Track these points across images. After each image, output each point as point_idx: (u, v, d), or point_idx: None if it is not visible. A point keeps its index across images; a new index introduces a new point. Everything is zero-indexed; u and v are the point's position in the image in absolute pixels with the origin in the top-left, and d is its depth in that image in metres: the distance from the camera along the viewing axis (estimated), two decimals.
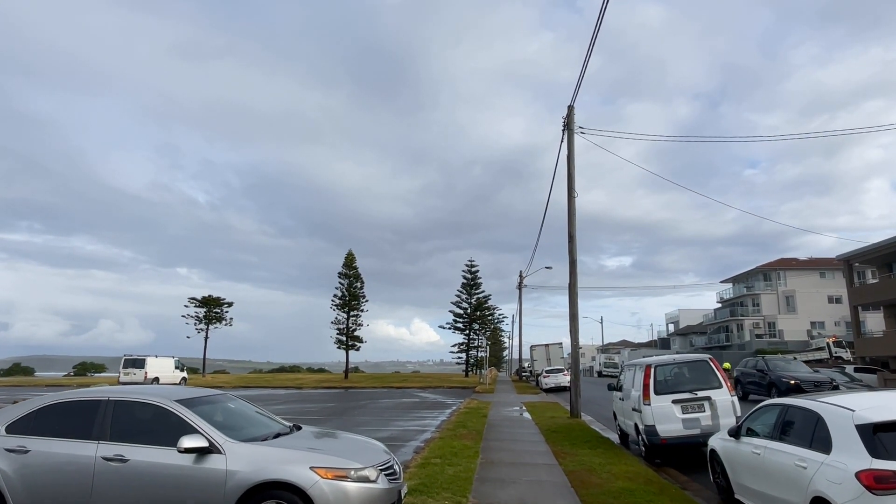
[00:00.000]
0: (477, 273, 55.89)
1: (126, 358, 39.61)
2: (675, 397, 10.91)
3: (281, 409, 23.15)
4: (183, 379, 43.07)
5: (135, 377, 39.06)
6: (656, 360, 11.61)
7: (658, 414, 10.84)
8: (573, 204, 18.39)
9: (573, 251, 18.18)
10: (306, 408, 23.65)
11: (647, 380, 11.22)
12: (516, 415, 19.72)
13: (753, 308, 68.69)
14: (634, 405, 11.65)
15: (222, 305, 52.27)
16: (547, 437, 13.38)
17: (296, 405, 25.17)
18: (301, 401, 28.37)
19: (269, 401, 28.42)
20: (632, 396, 12.06)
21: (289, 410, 22.33)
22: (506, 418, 18.24)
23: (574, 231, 18.31)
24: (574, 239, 18.28)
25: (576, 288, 18.02)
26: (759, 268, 70.18)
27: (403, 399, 29.65)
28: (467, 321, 54.93)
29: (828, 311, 66.24)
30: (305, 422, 16.09)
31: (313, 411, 21.86)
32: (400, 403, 26.39)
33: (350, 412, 21.48)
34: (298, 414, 20.67)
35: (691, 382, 11.20)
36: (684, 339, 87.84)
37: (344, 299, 49.98)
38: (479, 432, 14.00)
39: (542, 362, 46.45)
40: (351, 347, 49.95)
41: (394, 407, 24.27)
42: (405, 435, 14.55)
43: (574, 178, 18.51)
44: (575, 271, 18.08)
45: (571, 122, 18.70)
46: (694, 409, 10.86)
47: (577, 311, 17.95)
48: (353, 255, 51.19)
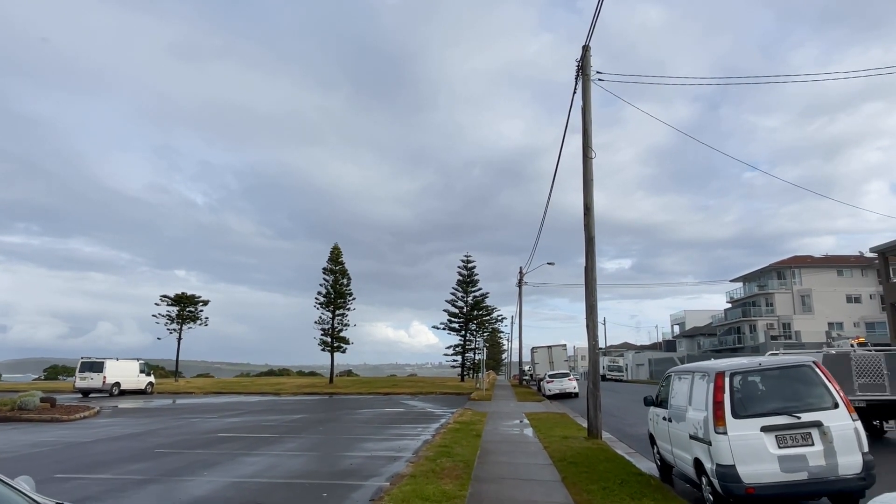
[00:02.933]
0: (474, 269, 51.97)
1: (83, 361, 35.63)
2: (767, 422, 7.09)
3: (235, 421, 19.28)
4: (149, 384, 39.11)
5: (92, 382, 35.11)
6: (732, 366, 7.75)
7: (740, 448, 7.01)
8: (590, 167, 14.56)
9: (590, 226, 14.36)
10: (267, 421, 19.78)
11: (721, 395, 7.38)
12: (518, 432, 15.86)
13: (767, 308, 64.86)
14: (696, 432, 7.83)
15: (197, 304, 48.16)
16: (563, 472, 9.52)
17: (256, 417, 21.30)
18: (267, 411, 24.49)
19: (231, 410, 24.54)
20: (688, 418, 8.24)
21: (243, 425, 18.46)
22: (505, 438, 14.38)
23: (591, 201, 14.49)
24: (591, 211, 14.45)
25: (593, 272, 14.19)
26: (772, 265, 66.41)
27: (387, 409, 25.76)
28: (463, 321, 50.94)
29: (847, 312, 62.44)
30: (253, 442, 12.06)
31: (272, 426, 17.98)
32: (381, 415, 22.51)
33: (315, 427, 17.61)
34: (251, 430, 16.81)
35: (789, 399, 7.36)
36: (691, 341, 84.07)
37: (329, 297, 45.99)
38: (469, 464, 10.14)
39: (545, 365, 42.58)
40: (336, 349, 45.97)
41: (371, 420, 20.40)
42: (367, 467, 10.69)
43: (591, 134, 14.70)
44: (593, 251, 14.25)
45: (587, 65, 14.90)
46: (796, 442, 7.02)
47: (595, 300, 14.11)
48: (338, 249, 47.24)
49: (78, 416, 20.35)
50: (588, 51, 14.92)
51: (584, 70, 14.91)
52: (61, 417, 19.61)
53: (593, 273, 14.14)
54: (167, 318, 47.11)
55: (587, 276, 14.20)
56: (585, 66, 14.90)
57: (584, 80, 14.83)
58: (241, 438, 14.88)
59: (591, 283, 14.13)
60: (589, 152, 14.49)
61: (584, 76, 14.86)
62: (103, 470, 10.51)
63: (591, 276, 14.14)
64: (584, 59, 14.90)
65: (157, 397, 36.29)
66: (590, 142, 14.58)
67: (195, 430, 16.73)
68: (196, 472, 10.16)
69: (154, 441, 14.40)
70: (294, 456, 12.09)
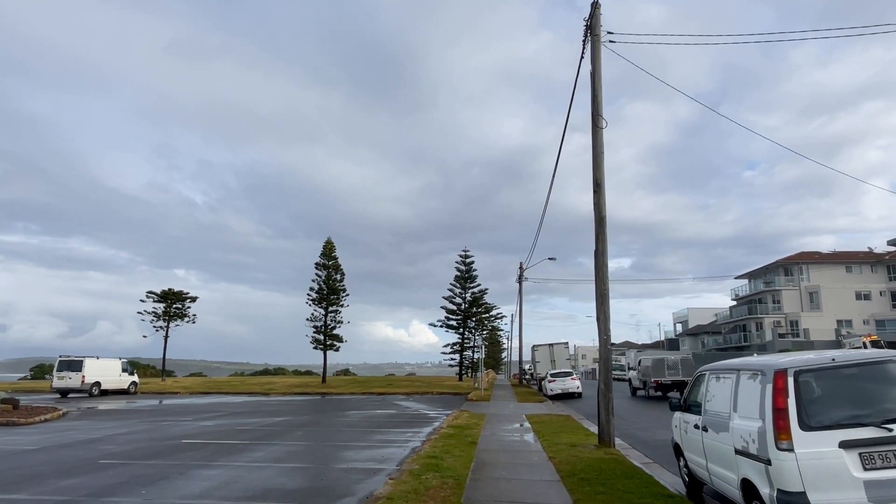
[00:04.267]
0: (472, 265, 50.15)
1: (60, 359, 33.88)
2: (847, 436, 5.39)
3: (208, 425, 17.56)
4: (133, 384, 37.39)
5: (70, 381, 33.38)
6: (796, 362, 6.01)
7: (812, 470, 5.32)
8: (599, 137, 12.85)
9: (600, 204, 12.65)
10: (243, 424, 18.09)
11: (783, 399, 5.66)
12: (519, 438, 14.16)
13: (774, 305, 63.17)
14: (746, 446, 6.14)
15: (184, 300, 46.36)
16: (575, 493, 7.82)
17: (234, 419, 19.59)
18: (249, 413, 22.78)
19: (211, 412, 22.84)
20: (733, 428, 6.54)
21: (216, 429, 16.74)
22: (504, 446, 12.68)
23: (601, 176, 12.78)
24: (601, 187, 12.74)
25: (604, 257, 12.48)
26: (779, 262, 64.73)
27: (378, 410, 24.06)
28: (461, 318, 49.14)
29: (856, 309, 60.78)
30: (218, 450, 10.21)
31: (247, 431, 16.28)
32: (370, 417, 20.81)
33: (293, 432, 15.90)
34: (222, 435, 15.13)
35: (875, 406, 5.67)
36: (695, 340, 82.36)
37: (322, 293, 44.19)
38: (460, 481, 8.44)
39: (546, 364, 40.86)
40: (330, 347, 44.21)
41: (359, 423, 18.70)
42: (340, 484, 8.99)
43: (600, 102, 12.99)
44: (604, 232, 12.53)
45: (596, 24, 13.18)
46: (888, 462, 5.34)
47: (607, 289, 12.39)
48: (331, 243, 45.42)
49: (38, 419, 18.65)
50: (597, 8, 13.18)
51: (592, 30, 13.19)
52: (18, 421, 17.90)
53: (604, 258, 12.43)
54: (153, 315, 45.34)
55: (597, 261, 12.49)
56: (594, 25, 13.18)
57: (594, 41, 13.11)
58: (207, 446, 13.18)
59: (602, 270, 12.41)
60: (599, 121, 12.78)
61: (593, 36, 13.14)
62: (24, 488, 8.80)
63: (602, 262, 12.43)
64: (594, 18, 13.18)
65: (140, 398, 34.58)
66: (599, 109, 12.87)
67: (159, 436, 15.03)
68: (131, 491, 8.45)
69: (105, 449, 12.70)
70: (258, 468, 10.39)
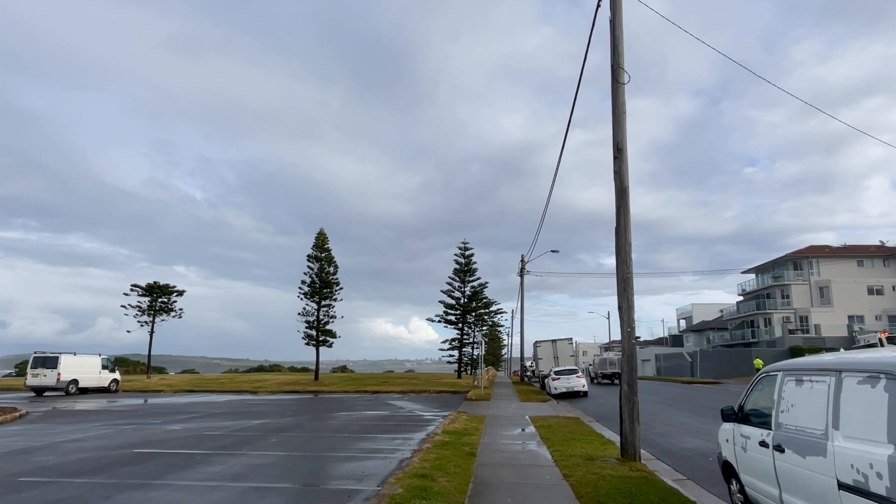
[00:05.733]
0: (472, 257, 48.12)
1: (35, 356, 31.97)
2: None
3: (175, 429, 15.61)
4: (114, 381, 35.49)
5: (45, 379, 31.49)
6: None
7: None
8: (621, 94, 10.89)
9: (622, 172, 10.70)
10: (214, 429, 16.17)
11: None
12: (524, 448, 12.24)
13: (783, 300, 61.21)
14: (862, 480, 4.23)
15: (171, 293, 44.37)
16: None
17: (207, 422, 17.66)
18: (227, 414, 20.87)
19: (186, 413, 20.93)
20: (837, 453, 4.63)
21: (181, 434, 14.81)
22: (507, 459, 10.75)
23: (623, 139, 10.82)
24: (624, 153, 10.79)
25: (627, 233, 10.53)
26: (787, 255, 62.75)
27: (368, 411, 22.15)
28: (460, 313, 47.16)
29: (868, 304, 58.81)
30: (171, 463, 8.13)
31: (215, 437, 14.37)
32: (358, 420, 18.91)
33: (267, 439, 13.96)
34: (184, 443, 13.22)
35: None
36: (699, 336, 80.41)
37: (314, 286, 42.22)
38: None
39: (549, 361, 38.96)
40: (322, 343, 42.27)
41: (345, 427, 16.79)
42: None
43: (621, 53, 11.02)
44: (626, 205, 10.58)
45: None
46: None
47: (630, 272, 10.43)
48: (324, 234, 43.38)
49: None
50: None
51: None
52: None
53: (627, 235, 10.48)
54: (137, 310, 43.34)
55: (619, 239, 10.54)
56: None
57: None
58: (160, 457, 11.26)
59: (625, 250, 10.46)
60: (620, 75, 10.81)
61: None
62: None
63: (624, 240, 10.47)
64: None
65: (120, 396, 32.70)
66: (620, 61, 10.90)
67: (113, 443, 13.12)
68: None
69: (38, 462, 10.78)
70: (206, 489, 8.47)
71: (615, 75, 10.86)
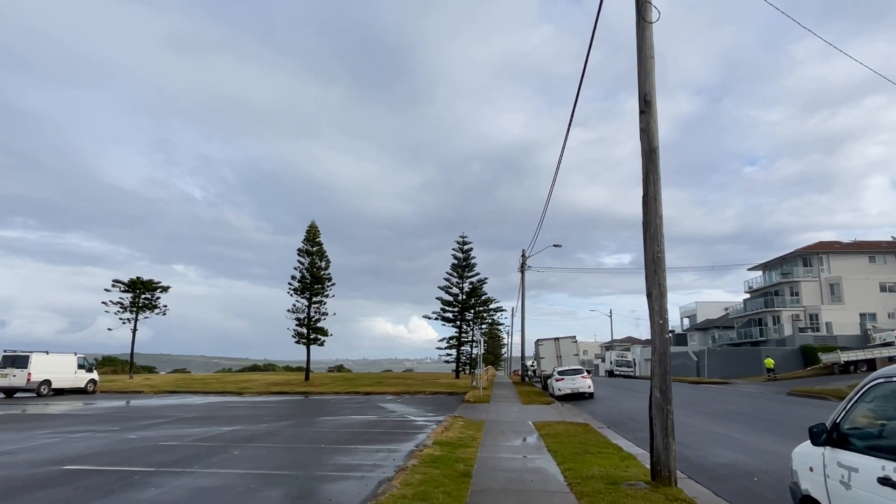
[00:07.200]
0: (470, 252, 46.08)
1: (4, 355, 29.94)
2: None
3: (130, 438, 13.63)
4: (91, 381, 33.49)
5: (14, 379, 29.49)
6: None
7: None
8: (649, 36, 8.92)
9: (651, 131, 8.75)
10: (179, 436, 14.21)
11: None
12: (530, 464, 10.28)
13: (792, 298, 59.26)
14: None
15: (155, 290, 42.34)
16: None
17: (170, 430, 15.69)
18: (198, 419, 18.91)
19: (154, 418, 18.98)
20: None
21: (133, 446, 12.84)
22: (510, 483, 8.78)
23: (652, 91, 8.85)
24: (652, 106, 8.83)
25: (658, 204, 8.56)
26: (796, 252, 60.82)
27: (355, 416, 20.19)
28: (458, 310, 45.18)
29: (880, 301, 56.90)
30: (98, 486, 6.87)
31: (169, 449, 12.41)
32: (342, 426, 16.96)
33: (229, 451, 11.98)
34: (129, 457, 11.27)
35: None
36: (704, 335, 78.46)
37: (304, 282, 40.23)
38: None
39: (551, 360, 37.02)
40: (313, 342, 40.28)
41: (324, 435, 14.83)
42: None
43: None
44: (656, 169, 8.63)
45: None
46: None
47: (662, 251, 8.47)
48: (316, 227, 41.37)
49: None
50: None
51: None
52: None
53: (658, 206, 8.51)
54: (119, 306, 41.32)
55: (646, 212, 8.56)
56: None
57: None
58: (91, 475, 9.30)
59: (655, 223, 8.49)
60: (647, 12, 8.83)
61: None
62: None
63: (655, 212, 8.50)
64: None
65: (97, 398, 30.71)
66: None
67: (42, 458, 11.15)
68: None
69: None
70: None
71: (641, 11, 8.89)
